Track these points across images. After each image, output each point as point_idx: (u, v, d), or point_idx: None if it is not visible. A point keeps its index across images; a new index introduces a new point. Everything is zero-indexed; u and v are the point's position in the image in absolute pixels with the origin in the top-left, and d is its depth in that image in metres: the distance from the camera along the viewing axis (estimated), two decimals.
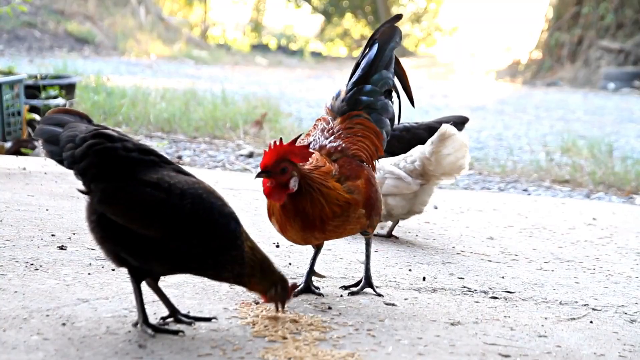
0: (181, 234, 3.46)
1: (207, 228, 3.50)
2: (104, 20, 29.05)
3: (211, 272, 3.59)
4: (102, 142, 3.52)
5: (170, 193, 3.47)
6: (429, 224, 6.54)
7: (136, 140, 3.66)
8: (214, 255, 3.52)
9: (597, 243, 6.23)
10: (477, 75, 29.97)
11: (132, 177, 3.49)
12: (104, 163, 3.50)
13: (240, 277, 3.61)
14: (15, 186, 6.62)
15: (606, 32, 26.38)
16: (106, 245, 3.56)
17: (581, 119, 17.09)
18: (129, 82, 15.50)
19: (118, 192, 3.47)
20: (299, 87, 20.38)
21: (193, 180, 3.58)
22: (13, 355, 3.29)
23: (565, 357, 3.76)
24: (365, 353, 3.59)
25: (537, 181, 10.00)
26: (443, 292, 4.64)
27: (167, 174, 3.54)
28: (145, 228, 3.45)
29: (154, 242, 3.46)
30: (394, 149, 6.33)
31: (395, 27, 4.66)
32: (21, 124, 9.53)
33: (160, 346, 3.48)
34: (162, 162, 3.61)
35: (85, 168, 3.51)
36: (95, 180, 3.50)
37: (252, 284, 3.66)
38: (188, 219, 3.46)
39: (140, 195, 3.46)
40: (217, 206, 3.54)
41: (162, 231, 3.45)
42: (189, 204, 3.47)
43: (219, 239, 3.52)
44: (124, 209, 3.46)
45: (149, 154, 3.59)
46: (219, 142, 11.26)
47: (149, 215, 3.45)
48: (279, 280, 3.70)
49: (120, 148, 3.53)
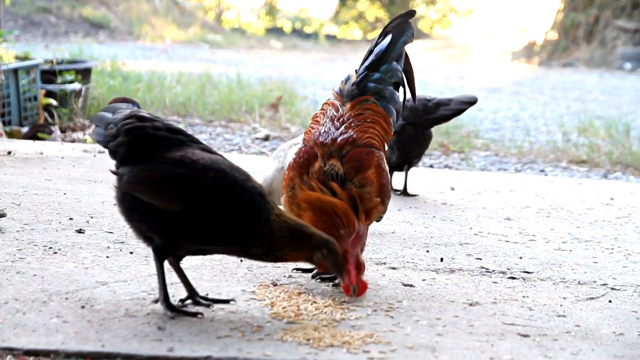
0: (203, 207, 3.48)
1: (229, 201, 3.50)
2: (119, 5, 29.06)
3: (238, 248, 3.58)
4: (133, 121, 3.61)
5: (192, 168, 3.50)
6: (446, 205, 6.53)
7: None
8: (238, 229, 3.51)
9: (615, 223, 6.22)
10: (493, 56, 29.84)
11: (157, 155, 3.55)
12: (132, 141, 3.58)
13: (272, 251, 3.58)
14: (33, 170, 6.64)
15: (622, 11, 26.25)
16: (133, 223, 3.61)
17: (598, 99, 17.02)
18: (144, 67, 15.49)
19: (142, 170, 3.53)
20: (314, 70, 20.35)
21: (217, 158, 3.60)
22: (33, 338, 3.31)
23: (584, 336, 3.76)
24: (383, 334, 3.59)
25: (554, 162, 9.97)
26: (461, 273, 4.63)
27: (192, 151, 3.58)
28: (167, 203, 3.49)
29: (178, 217, 3.48)
30: (406, 118, 6.74)
31: (409, 23, 4.64)
32: (37, 109, 9.56)
33: (179, 328, 3.49)
34: (189, 140, 3.66)
35: (116, 146, 3.60)
36: (123, 159, 3.59)
37: (290, 255, 3.62)
38: (210, 193, 3.49)
39: (162, 171, 3.51)
40: (240, 180, 3.55)
41: (185, 205, 3.48)
42: (210, 178, 3.50)
43: (243, 213, 3.51)
44: (147, 186, 3.52)
45: (176, 133, 3.65)
46: (235, 125, 11.26)
47: (171, 190, 3.49)
48: (321, 242, 3.62)
49: (149, 127, 3.60)
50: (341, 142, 4.18)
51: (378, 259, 4.79)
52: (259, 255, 3.61)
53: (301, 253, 3.63)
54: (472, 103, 6.88)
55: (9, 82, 9.21)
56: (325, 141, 4.18)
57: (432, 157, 9.99)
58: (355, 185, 4.08)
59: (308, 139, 4.26)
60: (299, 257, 3.66)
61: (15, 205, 5.40)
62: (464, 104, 6.86)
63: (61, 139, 9.05)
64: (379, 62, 4.48)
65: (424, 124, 6.81)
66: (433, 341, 3.56)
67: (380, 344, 3.48)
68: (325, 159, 4.12)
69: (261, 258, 3.63)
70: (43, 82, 9.88)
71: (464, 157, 10.00)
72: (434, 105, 6.80)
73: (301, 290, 4.06)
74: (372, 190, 4.11)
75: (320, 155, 4.14)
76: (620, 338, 3.78)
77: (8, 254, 4.34)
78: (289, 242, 3.58)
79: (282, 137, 10.55)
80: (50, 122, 9.66)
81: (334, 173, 4.07)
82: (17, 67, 9.35)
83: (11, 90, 9.24)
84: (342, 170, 4.09)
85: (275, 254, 3.60)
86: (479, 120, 13.02)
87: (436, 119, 6.83)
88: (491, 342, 3.59)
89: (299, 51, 28.53)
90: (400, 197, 6.73)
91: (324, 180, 4.05)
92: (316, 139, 4.20)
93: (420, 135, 6.81)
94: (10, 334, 3.34)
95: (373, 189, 4.12)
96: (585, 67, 25.38)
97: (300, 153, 4.21)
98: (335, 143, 4.17)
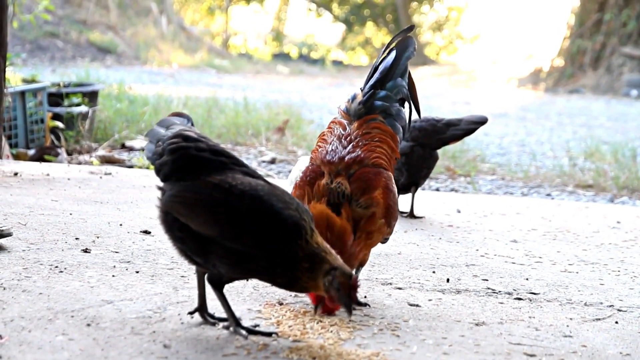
0: (236, 234, 3.44)
1: (262, 229, 3.45)
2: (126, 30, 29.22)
3: (267, 277, 3.53)
4: (178, 141, 3.59)
5: (229, 193, 3.46)
6: (452, 227, 6.52)
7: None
8: (266, 257, 3.46)
9: (621, 246, 6.20)
10: (499, 82, 29.90)
11: (197, 177, 3.53)
12: (175, 161, 3.57)
13: (295, 281, 3.50)
14: (39, 191, 6.65)
15: (628, 38, 26.30)
16: (173, 243, 3.61)
17: (604, 125, 17.03)
18: (151, 91, 15.56)
19: (180, 191, 3.51)
20: (321, 95, 20.40)
21: (258, 183, 3.55)
22: (39, 355, 3.30)
23: (591, 356, 3.74)
24: (389, 352, 3.58)
25: (560, 186, 9.97)
26: (467, 294, 4.62)
27: (232, 175, 3.53)
28: (201, 226, 3.47)
29: (213, 241, 3.47)
30: (415, 138, 6.74)
31: (410, 37, 4.65)
32: (44, 132, 9.59)
33: (184, 346, 3.48)
34: (232, 163, 3.61)
35: (160, 165, 3.60)
36: (166, 178, 3.59)
37: (307, 284, 3.50)
38: (244, 220, 3.44)
39: (199, 194, 3.48)
40: (278, 208, 3.47)
41: (218, 230, 3.45)
42: (246, 205, 3.46)
43: (274, 242, 3.46)
44: (184, 208, 3.49)
45: (220, 155, 3.61)
46: (242, 148, 11.28)
47: (206, 214, 3.46)
48: (331, 268, 3.46)
49: (192, 147, 3.57)
50: (349, 161, 4.17)
51: (384, 279, 4.78)
52: (283, 285, 3.55)
53: (314, 282, 3.49)
54: (482, 123, 6.87)
55: (16, 104, 9.24)
56: (332, 159, 4.17)
57: (439, 180, 10.00)
58: (361, 206, 4.07)
59: (315, 157, 4.25)
60: (314, 286, 3.50)
61: (22, 225, 5.40)
62: (475, 123, 6.85)
63: (67, 161, 9.07)
64: (385, 80, 4.48)
65: (433, 145, 6.81)
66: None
67: None
68: (332, 177, 4.11)
69: (285, 287, 3.56)
70: (50, 104, 9.93)
71: (470, 180, 10.00)
72: (443, 126, 6.79)
73: (307, 309, 4.05)
74: (377, 212, 4.10)
75: (327, 172, 4.13)
76: (626, 358, 3.77)
77: (14, 272, 4.34)
78: (307, 270, 3.47)
79: (289, 160, 10.57)
80: (57, 145, 9.69)
81: (341, 192, 4.06)
82: (24, 89, 9.39)
83: (18, 112, 9.28)
84: (348, 189, 4.08)
85: (297, 283, 3.51)
86: (485, 145, 13.04)
87: (446, 139, 6.83)
88: None
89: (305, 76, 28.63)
90: (407, 219, 6.72)
91: (329, 197, 4.05)
92: (323, 157, 4.19)
93: (428, 156, 6.81)
94: (16, 351, 3.33)
95: (379, 210, 4.10)
96: (591, 93, 25.41)
97: (307, 171, 4.20)
98: (343, 162, 4.16)
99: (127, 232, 5.46)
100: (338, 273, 3.44)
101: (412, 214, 6.79)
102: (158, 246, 5.11)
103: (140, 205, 6.44)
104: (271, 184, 3.59)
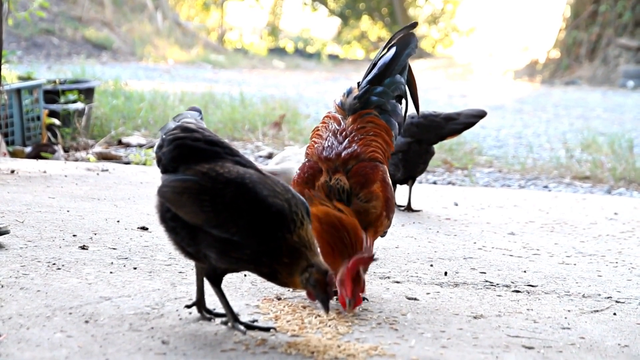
0: (220, 221, 3.45)
1: (245, 217, 3.45)
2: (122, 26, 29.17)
3: (252, 266, 3.53)
4: (176, 132, 3.65)
5: (215, 181, 3.49)
6: (450, 220, 6.52)
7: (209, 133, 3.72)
8: (250, 247, 3.46)
9: (619, 237, 6.21)
10: (495, 75, 29.89)
11: (189, 167, 3.56)
12: (172, 151, 3.61)
13: (276, 274, 3.50)
14: (36, 189, 6.65)
15: (624, 29, 26.29)
16: (168, 234, 3.63)
17: (601, 117, 17.04)
18: (147, 87, 15.54)
19: (171, 180, 3.55)
20: (317, 89, 20.38)
21: (246, 171, 3.55)
22: (37, 352, 3.30)
23: (589, 348, 3.75)
24: (388, 346, 3.58)
25: (557, 178, 9.97)
26: (465, 287, 4.63)
27: (222, 164, 3.55)
28: (189, 216, 3.49)
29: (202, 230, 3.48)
30: (413, 135, 6.72)
31: (412, 34, 4.64)
32: (40, 129, 9.58)
33: (183, 342, 3.48)
34: (225, 153, 3.62)
35: (159, 157, 3.65)
36: (164, 168, 3.63)
37: (287, 280, 3.50)
38: (227, 207, 3.45)
39: (186, 182, 3.51)
40: (262, 196, 3.47)
41: (204, 218, 3.46)
42: (230, 192, 3.47)
43: (258, 230, 3.46)
44: (173, 196, 3.52)
45: (214, 145, 3.63)
46: (238, 143, 11.28)
47: (192, 202, 3.48)
48: (307, 265, 3.47)
49: (188, 138, 3.61)
50: (345, 157, 4.16)
51: (382, 273, 4.79)
52: (266, 275, 3.54)
53: (292, 276, 3.49)
54: (481, 116, 6.86)
55: (12, 102, 9.23)
56: (329, 156, 4.17)
57: (436, 174, 10.00)
58: (361, 200, 4.07)
59: (311, 153, 4.24)
60: (291, 281, 3.51)
61: (19, 223, 5.40)
62: (473, 117, 6.83)
63: (64, 158, 9.06)
64: (383, 75, 4.47)
65: (431, 140, 6.80)
66: (438, 353, 3.54)
67: (384, 356, 3.47)
68: (331, 174, 4.11)
69: (268, 277, 3.55)
70: (46, 102, 9.91)
71: (467, 173, 10.00)
72: (442, 120, 6.78)
73: (305, 303, 4.05)
74: (377, 205, 4.10)
75: (325, 169, 4.13)
76: (625, 350, 3.77)
77: (12, 270, 4.33)
78: (285, 264, 3.48)
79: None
80: (53, 142, 9.68)
81: (340, 188, 4.06)
82: (20, 87, 9.38)
83: (14, 110, 9.26)
84: (347, 185, 4.08)
85: (277, 277, 3.52)
86: (482, 138, 13.04)
87: (445, 134, 6.81)
88: (496, 354, 3.58)
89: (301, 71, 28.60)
90: (404, 212, 6.73)
91: (329, 195, 4.05)
92: (320, 153, 4.19)
93: (425, 151, 6.81)
94: (14, 348, 3.33)
95: (379, 203, 4.11)
96: (587, 85, 25.41)
97: (305, 168, 4.19)
98: (340, 157, 4.16)
99: (125, 229, 5.45)
100: (314, 270, 3.46)
101: (409, 207, 6.80)
102: (155, 242, 5.11)
103: (137, 201, 6.44)
104: (263, 173, 3.59)
